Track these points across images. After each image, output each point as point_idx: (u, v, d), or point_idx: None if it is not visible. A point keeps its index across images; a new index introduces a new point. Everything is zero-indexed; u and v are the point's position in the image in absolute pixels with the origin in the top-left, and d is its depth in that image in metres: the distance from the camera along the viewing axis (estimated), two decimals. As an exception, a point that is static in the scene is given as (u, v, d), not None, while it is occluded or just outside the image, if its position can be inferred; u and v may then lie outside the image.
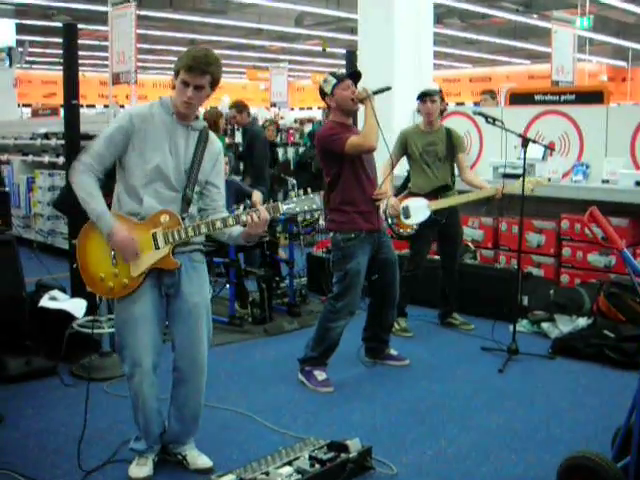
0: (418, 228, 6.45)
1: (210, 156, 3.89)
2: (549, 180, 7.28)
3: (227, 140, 10.04)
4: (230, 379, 4.66)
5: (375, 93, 5.26)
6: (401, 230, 6.49)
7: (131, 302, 3.79)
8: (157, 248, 3.73)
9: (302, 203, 3.72)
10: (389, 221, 6.45)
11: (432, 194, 6.45)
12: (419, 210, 6.42)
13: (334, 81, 5.31)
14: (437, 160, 6.48)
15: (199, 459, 4.07)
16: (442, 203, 6.45)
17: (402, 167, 6.94)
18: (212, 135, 3.96)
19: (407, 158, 6.58)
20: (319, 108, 15.44)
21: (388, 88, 5.41)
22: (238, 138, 11.95)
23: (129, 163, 3.74)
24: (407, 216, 6.44)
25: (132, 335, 3.79)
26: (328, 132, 5.36)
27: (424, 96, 6.41)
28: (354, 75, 5.39)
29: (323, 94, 5.39)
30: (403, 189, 6.82)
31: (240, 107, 9.76)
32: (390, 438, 4.45)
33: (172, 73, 3.81)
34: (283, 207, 3.71)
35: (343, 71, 5.46)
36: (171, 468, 4.08)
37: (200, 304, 3.92)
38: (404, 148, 6.52)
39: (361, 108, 5.35)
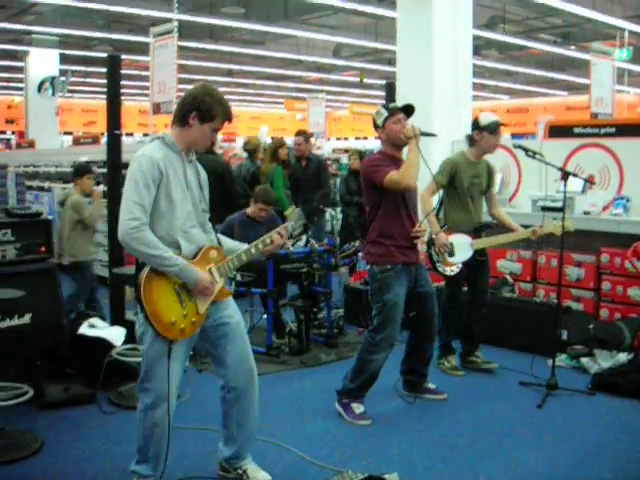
0: (461, 267, 6.23)
1: (204, 179, 4.11)
2: (587, 214, 7.25)
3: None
4: (266, 409, 4.66)
5: (423, 134, 5.26)
6: (446, 268, 6.24)
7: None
8: (215, 282, 3.93)
9: (297, 221, 4.32)
10: (434, 258, 6.25)
11: (475, 231, 6.24)
12: (463, 248, 6.18)
13: (386, 114, 5.32)
14: (479, 194, 6.32)
15: (259, 473, 4.22)
16: (486, 242, 6.29)
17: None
18: (197, 162, 4.10)
19: (445, 189, 6.31)
20: (356, 139, 15.50)
21: (434, 134, 5.41)
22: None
23: (159, 209, 3.80)
24: (451, 254, 6.18)
25: (163, 369, 3.84)
26: (371, 162, 5.38)
27: (499, 126, 6.15)
28: (407, 109, 5.36)
29: (375, 125, 5.40)
30: None
31: (307, 136, 9.73)
32: (428, 473, 4.42)
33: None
34: (289, 227, 4.24)
35: (397, 104, 5.44)
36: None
37: (241, 322, 4.15)
38: (451, 178, 6.20)
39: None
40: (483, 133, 6.10)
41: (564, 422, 5.35)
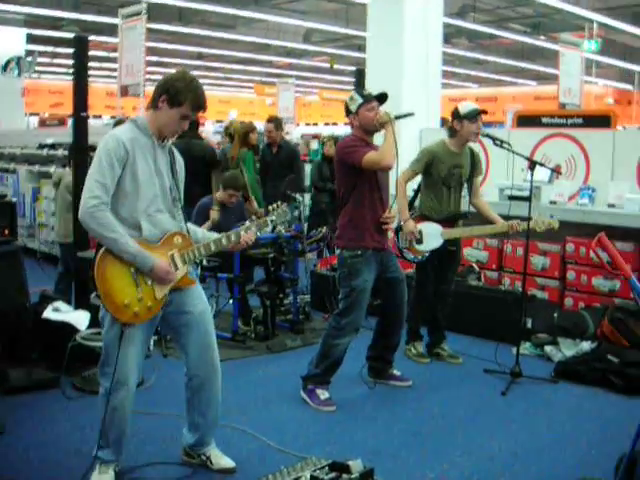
0: (429, 255, 6.25)
1: (181, 170, 4.09)
2: (554, 203, 7.32)
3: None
4: (231, 395, 4.65)
5: (397, 118, 5.26)
6: (411, 255, 6.26)
7: None
8: (176, 269, 3.87)
9: (281, 217, 4.22)
10: (401, 244, 6.26)
11: (447, 221, 6.23)
12: (433, 237, 6.17)
13: (360, 100, 5.30)
14: (458, 184, 6.25)
15: (222, 459, 4.24)
16: (457, 233, 6.28)
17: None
18: (174, 148, 4.07)
19: (423, 177, 6.29)
20: (325, 124, 15.49)
21: (411, 114, 5.41)
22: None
23: (124, 190, 3.77)
24: (420, 241, 6.19)
25: (122, 354, 3.81)
26: (347, 144, 5.37)
27: (479, 114, 6.11)
28: (381, 97, 5.35)
29: (348, 111, 5.39)
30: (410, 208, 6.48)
31: (279, 123, 9.59)
32: (392, 459, 4.44)
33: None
34: (269, 222, 4.20)
35: (371, 91, 5.42)
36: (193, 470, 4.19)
37: (206, 310, 4.11)
38: (428, 167, 6.16)
39: (381, 132, 5.33)
40: (463, 122, 6.06)
41: (527, 409, 5.40)
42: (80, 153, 6.91)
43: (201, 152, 8.31)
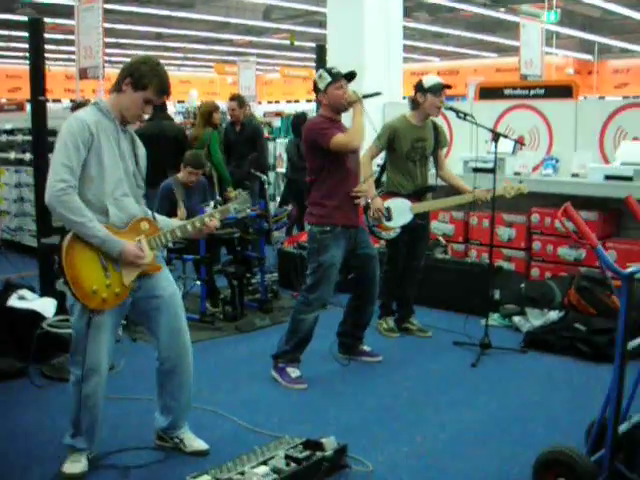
0: (400, 231, 6.25)
1: (142, 154, 4.03)
2: (518, 174, 7.35)
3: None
4: (202, 377, 4.63)
5: (365, 97, 5.24)
6: (383, 233, 6.26)
7: None
8: (143, 254, 3.83)
9: (243, 204, 4.17)
10: (369, 222, 6.21)
11: (415, 195, 6.23)
12: (402, 212, 6.18)
13: (329, 79, 5.27)
14: (423, 157, 6.25)
15: (195, 442, 4.22)
16: (426, 206, 6.28)
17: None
18: (134, 133, 4.03)
19: (387, 153, 6.29)
20: (287, 102, 15.41)
21: (378, 93, 5.39)
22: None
23: (89, 173, 3.71)
24: (389, 218, 6.19)
25: (92, 341, 3.78)
26: (317, 125, 5.35)
27: (443, 88, 6.04)
28: (349, 75, 5.32)
29: (316, 90, 5.36)
30: (376, 186, 6.43)
31: (242, 100, 9.50)
32: (365, 435, 4.44)
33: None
34: (231, 209, 4.15)
35: (339, 70, 5.38)
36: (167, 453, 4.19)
37: (175, 294, 4.08)
38: (390, 143, 6.16)
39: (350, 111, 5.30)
40: (427, 95, 6.02)
41: (498, 380, 5.44)
42: (39, 138, 6.81)
43: (173, 132, 8.32)
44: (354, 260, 5.55)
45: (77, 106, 8.43)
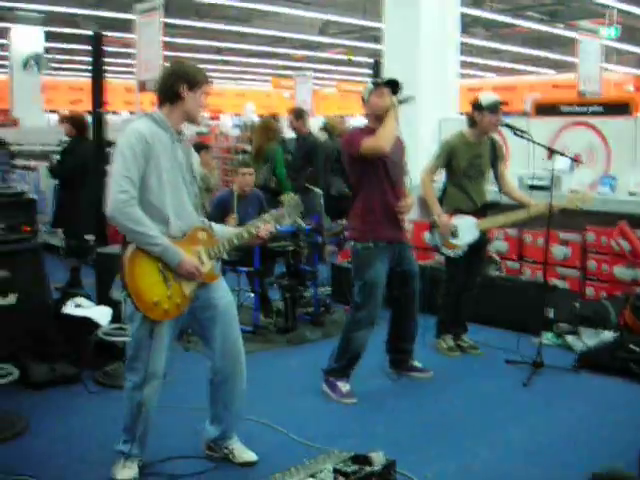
0: (467, 249, 6.15)
1: (197, 165, 4.11)
2: (574, 192, 7.27)
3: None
4: (253, 388, 4.65)
5: (400, 102, 5.23)
6: (449, 251, 6.16)
7: None
8: (202, 264, 3.90)
9: (295, 208, 4.22)
10: (437, 241, 6.19)
11: (479, 212, 6.17)
12: (468, 229, 6.10)
13: (371, 87, 5.30)
14: (480, 175, 6.19)
15: (245, 453, 4.26)
16: (492, 222, 6.23)
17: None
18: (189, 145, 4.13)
19: (446, 171, 6.22)
20: (342, 117, 15.48)
21: (412, 97, 5.37)
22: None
23: (148, 183, 3.77)
24: (455, 236, 6.11)
25: (153, 348, 3.85)
26: (350, 136, 5.38)
27: (499, 105, 6.02)
28: (391, 84, 5.29)
29: (363, 100, 5.38)
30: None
31: (298, 113, 9.61)
32: (414, 451, 4.42)
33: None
34: (285, 214, 4.20)
35: (383, 78, 5.38)
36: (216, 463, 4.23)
37: (231, 304, 4.14)
38: (448, 161, 6.11)
39: None
40: (484, 113, 5.99)
41: (549, 399, 5.38)
42: (99, 148, 6.95)
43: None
44: (396, 276, 5.51)
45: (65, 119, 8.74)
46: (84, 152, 8.32)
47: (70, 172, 8.23)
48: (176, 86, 3.87)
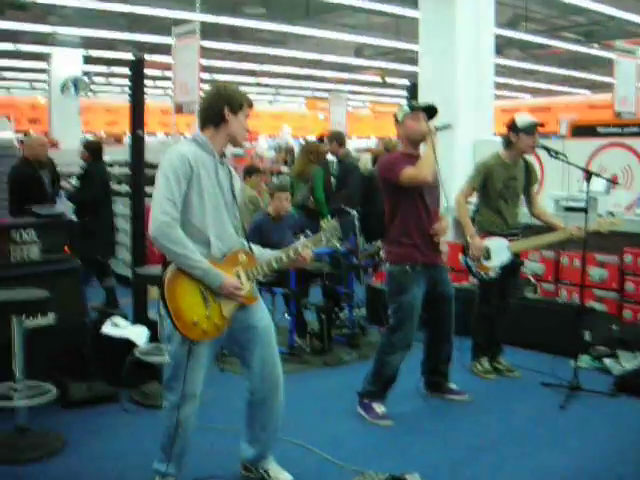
0: (500, 271, 6.14)
1: (238, 187, 4.13)
2: (613, 215, 7.22)
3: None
4: (288, 409, 4.66)
5: (438, 129, 5.25)
6: (482, 273, 6.16)
7: None
8: (242, 287, 3.93)
9: (333, 232, 4.19)
10: (469, 262, 6.19)
11: (511, 233, 6.16)
12: (500, 251, 6.09)
13: (407, 110, 5.32)
14: (515, 196, 6.18)
15: (281, 474, 4.25)
16: (523, 245, 6.22)
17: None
18: (232, 167, 4.15)
19: (480, 192, 6.21)
20: (378, 138, 15.49)
21: (450, 125, 5.38)
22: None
23: (191, 206, 3.82)
24: (487, 257, 6.11)
25: (191, 368, 3.86)
26: (388, 161, 5.40)
27: (535, 126, 6.02)
28: (429, 109, 5.32)
29: (396, 121, 5.40)
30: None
31: (330, 137, 9.79)
32: (449, 474, 4.41)
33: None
34: (322, 238, 4.17)
35: (420, 103, 5.40)
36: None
37: (270, 326, 4.14)
38: (484, 182, 6.11)
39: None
40: (520, 135, 5.99)
41: (587, 423, 5.32)
42: (137, 170, 7.03)
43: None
44: (431, 298, 5.50)
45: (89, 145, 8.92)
46: (100, 177, 8.54)
47: (90, 198, 8.41)
48: (220, 109, 3.92)
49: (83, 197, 8.59)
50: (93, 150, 8.79)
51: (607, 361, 6.46)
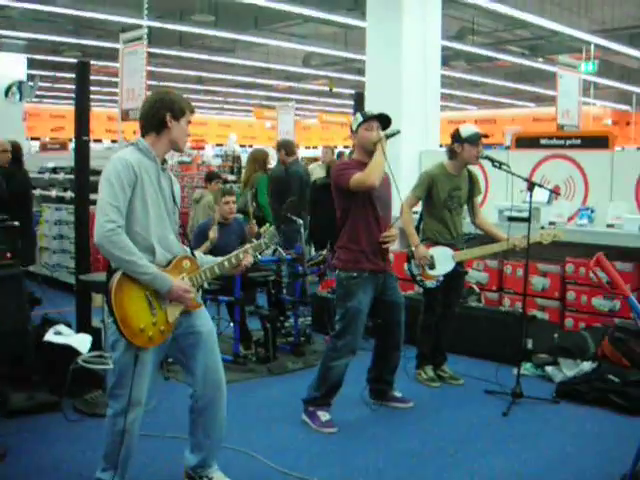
0: (442, 279, 6.22)
1: (178, 193, 4.12)
2: (553, 224, 7.35)
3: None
4: (233, 418, 4.65)
5: (388, 137, 5.29)
6: (426, 282, 6.22)
7: None
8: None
9: (271, 239, 4.29)
10: (414, 271, 6.25)
11: (456, 243, 6.24)
12: (444, 260, 6.16)
13: (360, 119, 5.36)
14: (458, 206, 6.26)
15: None
16: (467, 254, 6.30)
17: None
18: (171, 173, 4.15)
19: (423, 201, 6.27)
20: (325, 147, 15.52)
21: (398, 132, 5.43)
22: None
23: (134, 212, 3.79)
24: (432, 267, 6.16)
25: (136, 375, 3.83)
26: (339, 167, 5.44)
27: (480, 138, 6.09)
28: (382, 118, 5.36)
29: (351, 130, 5.44)
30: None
31: (278, 145, 9.98)
32: (394, 481, 4.43)
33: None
34: (262, 244, 4.26)
35: (373, 111, 5.43)
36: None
37: (213, 331, 4.14)
38: (428, 191, 6.18)
39: None
40: (464, 145, 6.07)
41: (529, 430, 5.39)
42: (82, 177, 6.96)
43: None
44: (380, 306, 5.54)
45: None
46: (21, 180, 8.38)
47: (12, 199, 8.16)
48: (161, 115, 3.90)
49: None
50: (13, 152, 8.67)
51: (549, 369, 6.56)
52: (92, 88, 7.05)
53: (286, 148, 9.68)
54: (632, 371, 6.03)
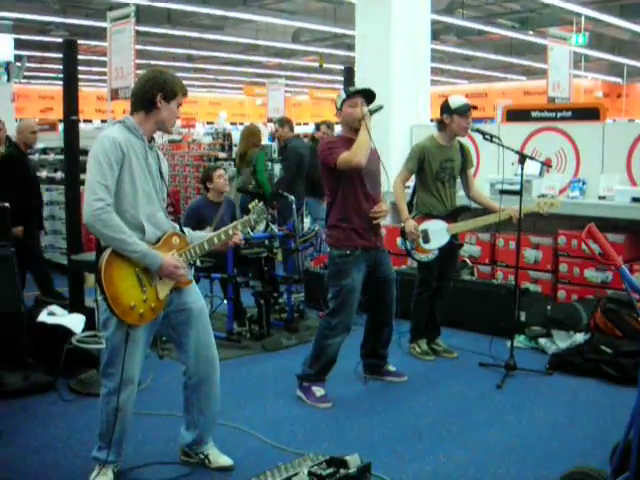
0: (438, 253, 6.21)
1: (165, 170, 4.13)
2: (544, 196, 7.34)
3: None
4: (228, 395, 4.67)
5: (371, 112, 5.26)
6: (421, 255, 6.22)
7: None
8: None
9: (260, 215, 4.30)
10: (408, 246, 6.23)
11: (450, 216, 6.23)
12: (438, 234, 6.15)
13: (344, 96, 5.33)
14: (451, 178, 6.23)
15: (220, 458, 4.26)
16: (462, 227, 6.28)
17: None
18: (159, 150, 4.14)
19: (417, 175, 6.24)
20: (316, 124, 15.48)
21: (381, 107, 5.37)
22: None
23: (123, 190, 3.78)
24: (426, 240, 6.17)
25: (128, 353, 3.83)
26: (326, 146, 5.39)
27: (469, 109, 6.07)
28: (365, 93, 5.33)
29: (336, 108, 5.42)
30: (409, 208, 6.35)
31: (281, 121, 9.92)
32: (389, 454, 4.46)
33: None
34: (251, 220, 4.27)
35: (357, 87, 5.39)
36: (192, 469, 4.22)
37: (204, 308, 4.15)
38: (421, 164, 6.14)
39: None
40: (453, 116, 6.05)
41: (523, 401, 5.43)
42: (71, 157, 6.93)
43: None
44: (372, 282, 5.54)
45: None
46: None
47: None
48: (152, 95, 3.87)
49: None
50: None
51: (542, 341, 6.59)
52: (82, 68, 7.02)
53: (290, 124, 9.74)
54: (624, 342, 6.06)
